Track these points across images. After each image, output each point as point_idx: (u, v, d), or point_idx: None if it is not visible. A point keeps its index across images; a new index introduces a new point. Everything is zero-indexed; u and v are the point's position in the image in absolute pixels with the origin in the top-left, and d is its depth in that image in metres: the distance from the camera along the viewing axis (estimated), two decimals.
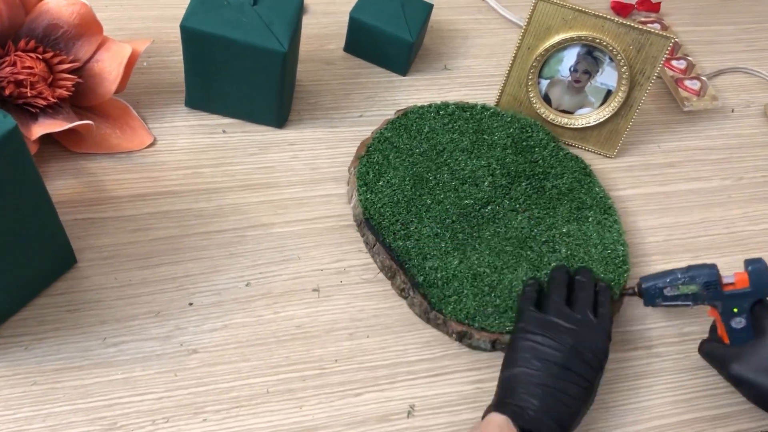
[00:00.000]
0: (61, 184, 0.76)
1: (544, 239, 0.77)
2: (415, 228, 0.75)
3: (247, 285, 0.72)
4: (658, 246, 0.84)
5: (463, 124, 0.85)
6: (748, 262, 0.69)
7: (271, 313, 0.71)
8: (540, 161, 0.83)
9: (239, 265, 0.74)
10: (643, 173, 0.91)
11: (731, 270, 0.70)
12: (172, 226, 0.75)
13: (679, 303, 0.70)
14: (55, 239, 0.66)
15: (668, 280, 0.70)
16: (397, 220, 0.75)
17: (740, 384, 0.67)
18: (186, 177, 0.79)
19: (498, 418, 0.61)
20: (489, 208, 0.78)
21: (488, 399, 0.69)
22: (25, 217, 0.60)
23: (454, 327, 0.71)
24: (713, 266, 0.69)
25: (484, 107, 0.87)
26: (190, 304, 0.70)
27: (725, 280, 0.69)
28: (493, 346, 0.71)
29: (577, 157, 0.85)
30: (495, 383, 0.66)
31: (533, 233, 0.77)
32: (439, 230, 0.75)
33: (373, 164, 0.79)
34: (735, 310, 0.68)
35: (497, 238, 0.76)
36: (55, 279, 0.69)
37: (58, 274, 0.69)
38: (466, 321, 0.71)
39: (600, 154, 0.92)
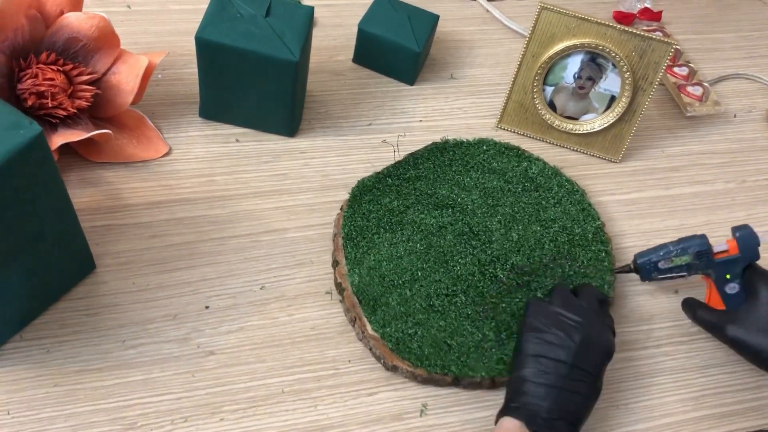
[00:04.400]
0: (80, 192, 0.78)
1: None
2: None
3: (261, 288, 0.74)
4: None
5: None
6: (736, 229, 0.72)
7: (286, 316, 0.73)
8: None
9: (254, 269, 0.75)
10: (647, 177, 0.93)
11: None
12: (187, 232, 0.77)
13: (674, 275, 0.73)
14: (76, 245, 0.68)
15: (661, 254, 0.73)
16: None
17: (737, 345, 0.70)
18: (201, 185, 0.81)
19: (511, 424, 0.61)
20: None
21: (500, 398, 0.71)
22: (49, 223, 0.62)
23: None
24: (703, 236, 0.72)
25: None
26: (207, 307, 0.72)
27: (715, 249, 0.72)
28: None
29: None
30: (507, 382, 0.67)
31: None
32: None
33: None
34: (728, 276, 0.71)
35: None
36: (75, 284, 0.71)
37: (78, 279, 0.71)
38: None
39: (605, 159, 0.93)
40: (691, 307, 0.75)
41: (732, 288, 0.72)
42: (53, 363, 0.66)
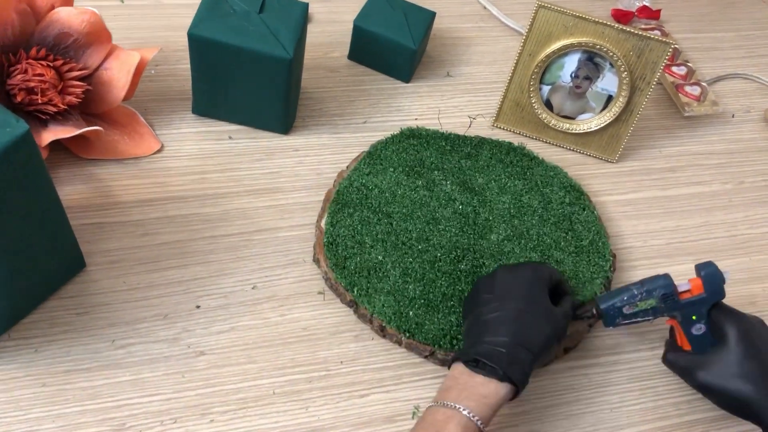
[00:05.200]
0: (70, 190, 0.77)
1: None
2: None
3: (253, 288, 0.73)
4: (660, 249, 0.85)
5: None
6: (700, 267, 0.68)
7: (277, 316, 0.72)
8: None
9: (246, 268, 0.75)
10: (644, 177, 0.92)
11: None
12: (179, 231, 0.76)
13: (639, 319, 0.69)
14: (65, 243, 0.67)
15: (625, 298, 0.68)
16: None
17: (708, 391, 0.66)
18: (193, 182, 0.80)
19: (455, 370, 0.62)
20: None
21: None
22: (37, 221, 0.61)
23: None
24: (667, 276, 0.68)
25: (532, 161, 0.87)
26: (198, 306, 0.71)
27: (680, 289, 0.68)
28: None
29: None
30: None
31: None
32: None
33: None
34: (693, 317, 0.67)
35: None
36: (64, 282, 0.70)
37: (68, 278, 0.70)
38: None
39: (602, 159, 0.93)
40: (665, 346, 0.72)
41: (698, 329, 0.68)
42: (41, 363, 0.66)
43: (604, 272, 0.77)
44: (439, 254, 0.75)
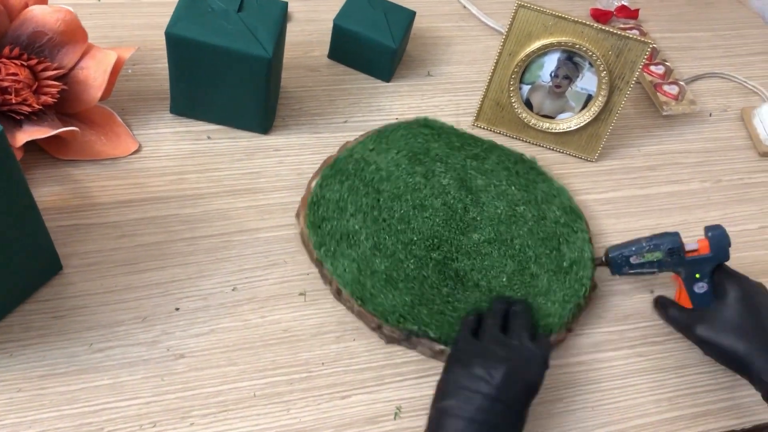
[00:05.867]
0: (46, 191, 0.76)
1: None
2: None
3: (233, 289, 0.73)
4: None
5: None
6: (709, 229, 0.72)
7: (258, 318, 0.71)
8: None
9: (225, 270, 0.74)
10: (623, 176, 0.93)
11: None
12: (157, 232, 0.75)
13: (645, 270, 0.74)
14: (41, 245, 0.66)
15: (634, 249, 0.73)
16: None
17: (705, 345, 0.71)
18: (171, 183, 0.79)
19: None
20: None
21: None
22: (11, 223, 0.60)
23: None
24: (676, 234, 0.73)
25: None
26: (177, 309, 0.70)
27: (687, 247, 0.72)
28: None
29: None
30: None
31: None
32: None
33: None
34: (697, 275, 0.72)
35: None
36: (40, 285, 0.69)
37: (44, 281, 0.69)
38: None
39: (581, 158, 0.93)
40: (663, 305, 0.76)
41: (700, 287, 0.72)
42: (16, 367, 0.64)
43: (577, 298, 0.75)
44: (415, 238, 0.76)
